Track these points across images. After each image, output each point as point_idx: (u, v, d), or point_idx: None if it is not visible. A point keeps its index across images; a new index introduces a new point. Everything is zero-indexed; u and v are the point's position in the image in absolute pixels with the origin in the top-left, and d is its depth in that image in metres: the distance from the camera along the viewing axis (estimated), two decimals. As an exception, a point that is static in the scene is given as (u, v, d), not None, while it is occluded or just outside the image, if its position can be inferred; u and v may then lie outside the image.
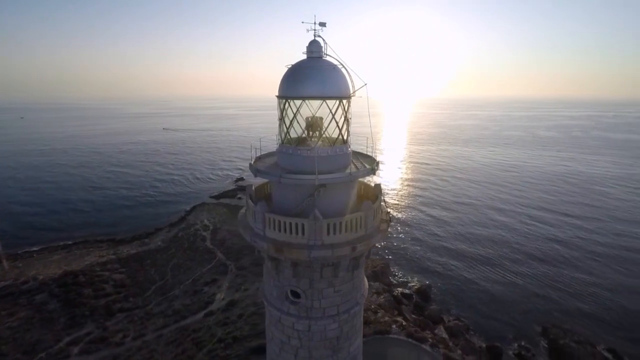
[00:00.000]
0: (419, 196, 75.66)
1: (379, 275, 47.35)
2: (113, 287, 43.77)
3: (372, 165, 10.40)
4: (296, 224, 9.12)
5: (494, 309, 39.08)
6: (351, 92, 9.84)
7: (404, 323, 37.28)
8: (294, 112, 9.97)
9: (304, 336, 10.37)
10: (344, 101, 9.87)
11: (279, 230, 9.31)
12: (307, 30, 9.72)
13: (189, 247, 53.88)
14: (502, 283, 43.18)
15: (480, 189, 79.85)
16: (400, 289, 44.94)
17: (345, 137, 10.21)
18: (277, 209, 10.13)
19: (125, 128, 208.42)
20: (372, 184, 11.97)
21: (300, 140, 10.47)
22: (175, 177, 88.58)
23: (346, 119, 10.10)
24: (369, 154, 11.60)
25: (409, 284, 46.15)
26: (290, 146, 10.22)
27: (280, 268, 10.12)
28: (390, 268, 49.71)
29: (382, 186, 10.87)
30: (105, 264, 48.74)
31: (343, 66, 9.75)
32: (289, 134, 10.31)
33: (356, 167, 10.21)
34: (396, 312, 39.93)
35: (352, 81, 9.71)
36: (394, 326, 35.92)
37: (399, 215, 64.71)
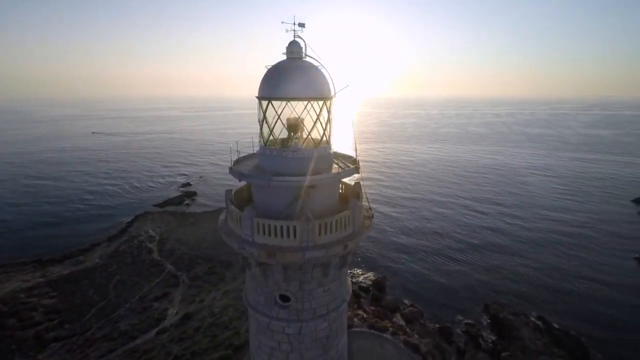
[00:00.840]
0: (367, 193, 78.45)
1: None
2: (43, 314, 38.66)
3: (354, 164, 10.67)
4: (287, 227, 9.01)
5: (442, 294, 42.16)
6: (332, 92, 9.98)
7: (365, 315, 38.55)
8: (278, 113, 9.81)
9: (295, 339, 10.28)
10: (327, 102, 9.99)
11: (269, 235, 9.11)
12: (287, 31, 9.66)
13: (134, 262, 49.60)
14: (446, 270, 46.73)
15: (422, 184, 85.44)
16: (357, 284, 46.30)
17: (328, 138, 10.33)
18: (261, 213, 9.89)
19: (47, 133, 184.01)
20: (352, 182, 12.27)
21: (281, 142, 10.36)
22: (110, 188, 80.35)
23: (329, 120, 10.22)
24: (343, 153, 11.86)
25: (365, 278, 47.72)
26: (275, 148, 10.05)
27: (268, 273, 9.89)
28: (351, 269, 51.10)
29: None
30: (31, 289, 42.81)
31: (323, 67, 9.86)
32: (271, 136, 10.13)
33: (339, 166, 10.39)
34: (356, 306, 41.10)
35: (333, 82, 9.87)
36: (355, 319, 36.97)
37: None
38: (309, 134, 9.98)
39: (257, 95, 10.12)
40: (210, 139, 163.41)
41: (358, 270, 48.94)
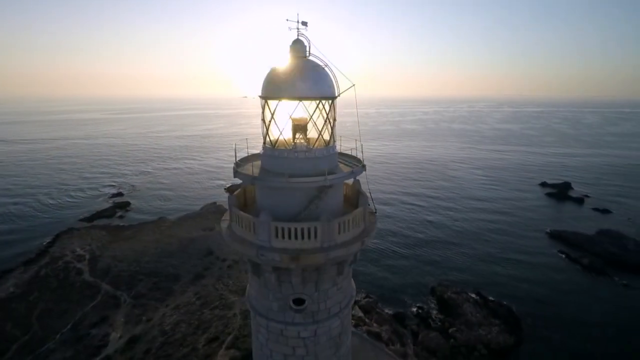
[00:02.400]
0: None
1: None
2: (-53, 361, 31.76)
3: (357, 162, 10.88)
4: (308, 229, 8.85)
5: (392, 283, 44.72)
6: (337, 92, 10.03)
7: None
8: (289, 113, 9.54)
9: (310, 342, 10.14)
10: (334, 101, 10.01)
11: (288, 238, 8.84)
12: (290, 29, 9.44)
13: (60, 286, 43.06)
14: (393, 261, 49.63)
15: (363, 182, 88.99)
16: None
17: (334, 138, 10.36)
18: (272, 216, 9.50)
19: None
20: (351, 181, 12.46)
21: (285, 142, 10.11)
22: (15, 207, 67.05)
23: (335, 119, 10.25)
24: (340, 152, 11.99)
25: None
26: (286, 149, 9.75)
27: (282, 278, 9.59)
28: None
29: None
30: None
31: (327, 66, 9.85)
32: (272, 136, 9.80)
33: (346, 165, 10.51)
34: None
35: (337, 81, 9.93)
36: None
37: None
38: (320, 134, 9.91)
39: (260, 94, 9.70)
40: (140, 143, 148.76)
41: None
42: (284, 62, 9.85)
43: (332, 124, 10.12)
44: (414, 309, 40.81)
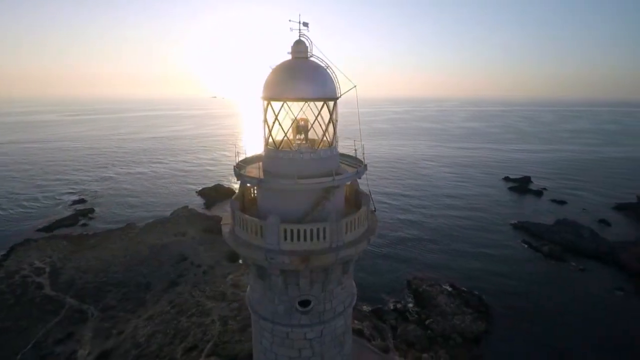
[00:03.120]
0: None
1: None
2: None
3: (359, 162, 11.00)
4: (317, 230, 8.82)
5: (369, 280, 45.51)
6: (339, 93, 10.08)
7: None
8: (294, 114, 9.44)
9: (317, 343, 10.11)
10: (336, 102, 10.04)
11: (297, 240, 8.77)
12: (291, 30, 9.35)
13: (18, 302, 39.64)
14: (369, 260, 50.53)
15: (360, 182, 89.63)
16: None
17: (335, 138, 10.38)
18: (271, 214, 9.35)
19: None
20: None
21: (285, 143, 9.99)
22: None
23: (337, 120, 10.29)
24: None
25: None
26: (291, 150, 9.64)
27: (289, 281, 9.49)
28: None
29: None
30: None
31: (329, 67, 9.86)
32: (275, 138, 9.66)
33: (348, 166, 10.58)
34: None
35: (338, 82, 9.97)
36: None
37: None
38: (325, 134, 9.90)
39: (262, 95, 9.52)
40: (101, 147, 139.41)
41: None
42: (285, 62, 9.75)
43: (335, 125, 10.17)
44: (392, 304, 41.79)
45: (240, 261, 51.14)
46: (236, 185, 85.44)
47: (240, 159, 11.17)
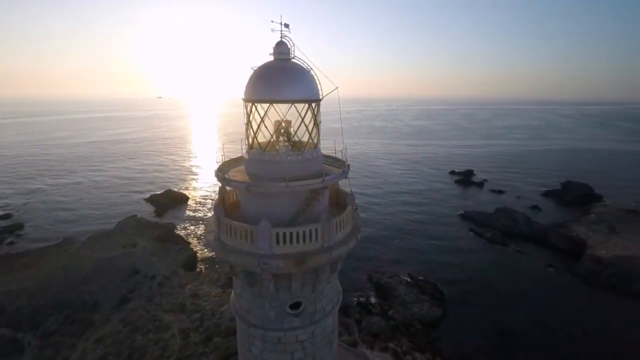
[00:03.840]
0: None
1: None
2: None
3: (340, 163, 11.16)
4: (310, 231, 8.79)
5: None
6: (321, 94, 10.13)
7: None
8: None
9: (309, 344, 10.08)
10: (318, 104, 10.07)
11: (290, 243, 8.66)
12: (272, 31, 9.20)
13: None
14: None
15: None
16: None
17: (318, 140, 10.42)
18: (258, 220, 9.15)
19: None
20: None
21: (269, 145, 9.82)
22: None
23: (320, 121, 10.31)
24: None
25: None
26: (278, 153, 9.46)
27: (280, 285, 9.34)
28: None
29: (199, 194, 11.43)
30: None
31: (312, 69, 9.88)
32: (259, 140, 9.43)
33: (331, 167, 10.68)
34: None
35: (320, 83, 10.02)
36: None
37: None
38: (310, 136, 9.86)
39: (244, 97, 9.23)
40: (26, 155, 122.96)
41: None
42: (268, 64, 9.58)
43: (318, 126, 10.23)
44: (355, 299, 42.84)
45: (199, 270, 48.98)
46: (189, 190, 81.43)
47: (212, 162, 10.71)
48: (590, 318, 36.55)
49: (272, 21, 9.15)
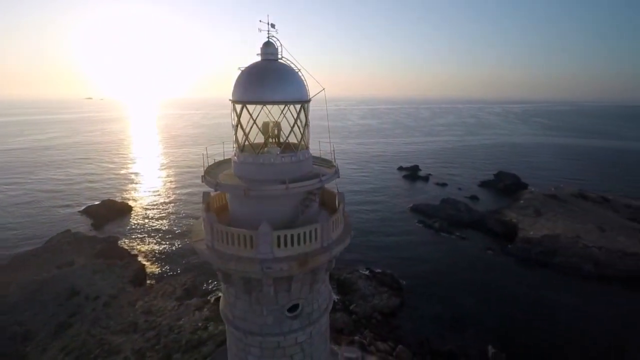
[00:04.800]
0: (185, 203, 72.50)
1: (190, 290, 43.79)
2: None
3: (327, 162, 11.25)
4: (310, 232, 8.76)
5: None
6: (309, 95, 10.11)
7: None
8: (273, 118, 9.06)
9: (307, 345, 10.02)
10: (307, 105, 10.04)
11: (291, 245, 8.55)
12: (260, 30, 8.96)
13: None
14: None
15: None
16: (209, 294, 43.72)
17: (307, 141, 10.38)
18: (253, 224, 8.91)
19: None
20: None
21: (257, 147, 9.57)
22: None
23: (308, 123, 10.28)
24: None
25: (213, 286, 45.54)
26: (272, 154, 9.22)
27: (279, 288, 9.15)
28: (198, 282, 46.68)
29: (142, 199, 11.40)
30: None
31: (300, 70, 9.81)
32: (249, 142, 9.12)
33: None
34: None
35: (307, 84, 10.01)
36: None
37: (158, 229, 59.82)
38: (302, 137, 9.78)
39: (231, 98, 8.87)
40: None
41: (201, 280, 45.25)
42: (257, 64, 9.35)
43: (308, 127, 10.23)
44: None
45: (149, 284, 45.59)
46: (131, 200, 75.45)
47: (154, 168, 10.18)
48: (524, 291, 41.51)
49: (260, 21, 8.95)
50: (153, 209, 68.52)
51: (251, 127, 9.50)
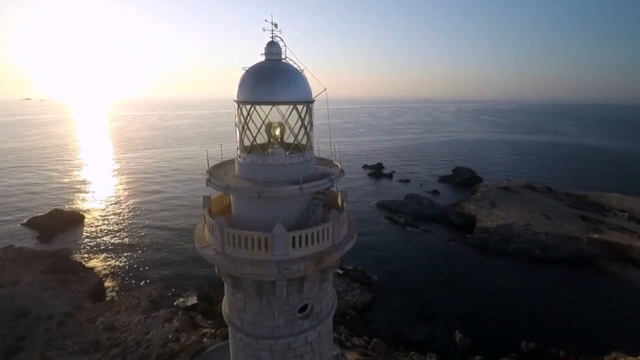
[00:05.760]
0: (142, 209, 68.68)
1: (157, 301, 41.50)
2: None
3: (329, 161, 11.37)
4: (323, 231, 8.79)
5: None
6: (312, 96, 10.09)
7: (212, 331, 36.60)
8: (282, 118, 8.91)
9: (316, 344, 10.02)
10: (311, 105, 10.02)
11: (305, 245, 8.53)
12: (264, 30, 8.79)
13: None
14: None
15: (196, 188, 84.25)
16: (178, 304, 42.01)
17: (311, 142, 10.36)
18: (259, 226, 8.81)
19: None
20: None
21: (261, 147, 9.42)
22: None
23: (311, 123, 10.26)
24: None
25: (181, 296, 43.83)
26: (281, 155, 9.08)
27: (291, 290, 9.08)
28: (165, 292, 44.33)
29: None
30: None
31: (303, 70, 9.76)
32: (245, 142, 8.95)
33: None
34: (195, 328, 37.88)
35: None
36: (205, 340, 34.60)
37: (118, 240, 56.15)
38: (309, 137, 9.73)
39: (237, 99, 8.61)
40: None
41: (166, 291, 43.27)
42: (262, 64, 9.17)
43: (309, 128, 10.22)
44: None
45: (109, 298, 42.67)
46: (83, 208, 69.68)
47: (107, 173, 9.80)
48: (484, 277, 44.88)
49: (265, 20, 8.85)
50: (107, 217, 63.90)
51: (260, 128, 9.33)
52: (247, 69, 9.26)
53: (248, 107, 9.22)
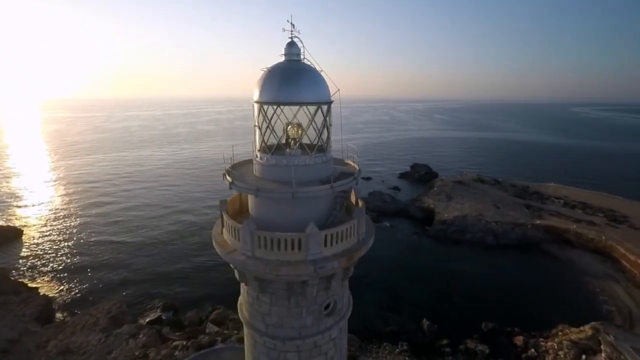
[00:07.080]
0: (89, 222, 63.26)
1: (117, 317, 38.55)
2: None
3: (340, 160, 11.64)
4: (350, 227, 9.00)
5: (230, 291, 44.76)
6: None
7: (184, 343, 35.25)
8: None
9: (338, 340, 10.19)
10: (329, 105, 10.14)
11: (336, 243, 8.70)
12: (283, 30, 8.74)
13: None
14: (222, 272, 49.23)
15: (160, 192, 79.97)
16: (142, 318, 39.85)
17: (329, 142, 10.49)
18: (283, 227, 8.90)
19: None
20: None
21: (277, 148, 9.40)
22: None
23: (330, 124, 10.38)
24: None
25: (144, 309, 41.66)
26: (308, 155, 9.09)
27: (319, 287, 9.15)
28: (126, 307, 41.23)
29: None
30: None
31: (321, 70, 9.83)
32: (265, 142, 8.90)
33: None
34: (164, 341, 36.18)
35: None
36: (176, 353, 33.29)
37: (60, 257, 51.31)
38: (329, 138, 9.80)
39: (258, 99, 8.48)
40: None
41: (126, 306, 40.69)
42: (284, 64, 9.14)
43: (328, 129, 10.37)
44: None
45: (60, 319, 39.00)
46: (19, 222, 62.98)
47: (45, 181, 9.49)
48: (444, 266, 48.36)
49: (287, 21, 8.83)
50: (50, 232, 57.87)
51: (285, 129, 9.31)
52: (268, 69, 9.20)
53: (274, 107, 9.17)
